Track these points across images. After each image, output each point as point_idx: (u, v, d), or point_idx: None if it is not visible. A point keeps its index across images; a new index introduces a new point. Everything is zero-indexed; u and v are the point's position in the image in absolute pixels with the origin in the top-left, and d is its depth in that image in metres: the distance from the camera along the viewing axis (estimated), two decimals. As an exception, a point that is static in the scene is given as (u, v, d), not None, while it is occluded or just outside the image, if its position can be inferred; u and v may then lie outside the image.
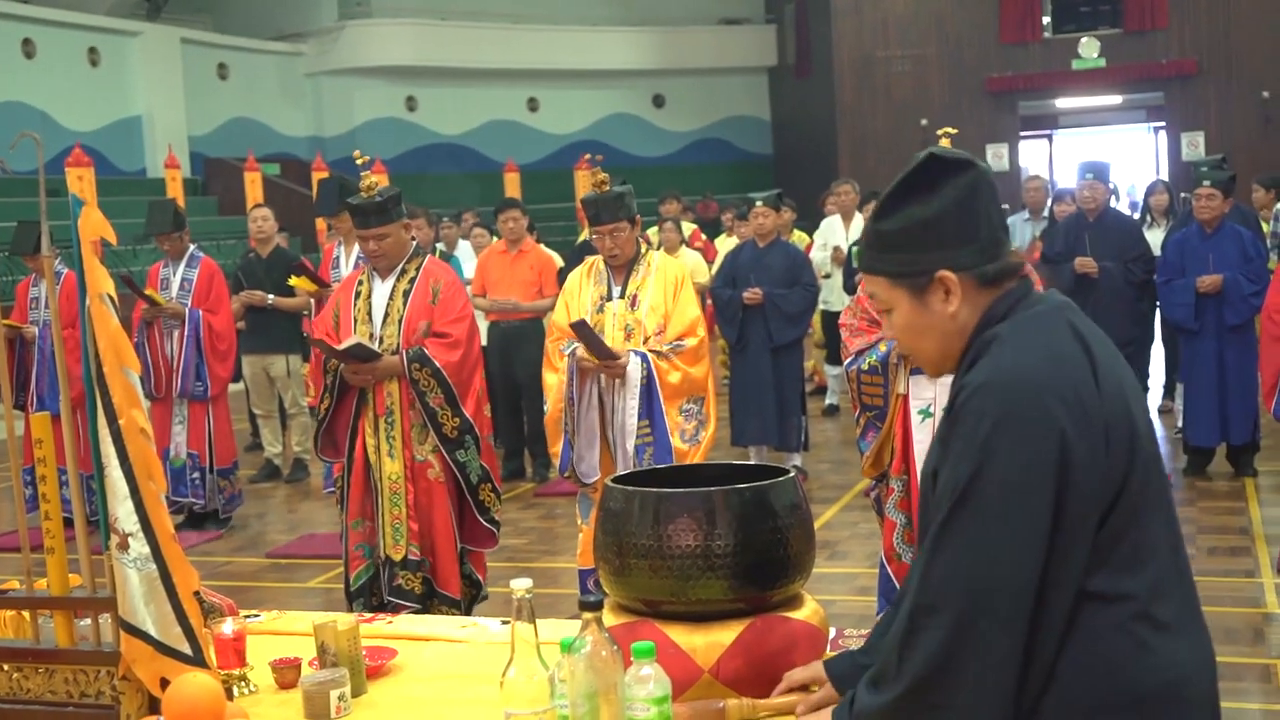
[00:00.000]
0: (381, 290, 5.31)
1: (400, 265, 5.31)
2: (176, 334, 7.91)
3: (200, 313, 7.93)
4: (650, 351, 5.11)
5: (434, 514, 5.28)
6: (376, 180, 5.30)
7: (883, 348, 4.75)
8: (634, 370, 5.08)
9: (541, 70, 24.05)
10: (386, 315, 5.26)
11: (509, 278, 9.05)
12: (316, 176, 14.92)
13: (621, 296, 5.23)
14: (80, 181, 13.34)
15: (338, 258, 8.61)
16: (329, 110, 23.31)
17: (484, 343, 9.15)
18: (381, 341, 5.22)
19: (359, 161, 5.37)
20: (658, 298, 5.19)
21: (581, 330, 5.05)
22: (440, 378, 5.17)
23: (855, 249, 2.02)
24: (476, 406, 5.30)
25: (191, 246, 8.14)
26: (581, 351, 5.12)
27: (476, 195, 18.31)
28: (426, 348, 5.18)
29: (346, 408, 5.33)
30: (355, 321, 5.27)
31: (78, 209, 2.30)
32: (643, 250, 5.30)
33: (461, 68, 23.53)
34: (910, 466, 4.74)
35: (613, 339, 5.16)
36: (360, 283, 5.38)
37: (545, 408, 5.35)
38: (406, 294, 5.27)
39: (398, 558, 5.25)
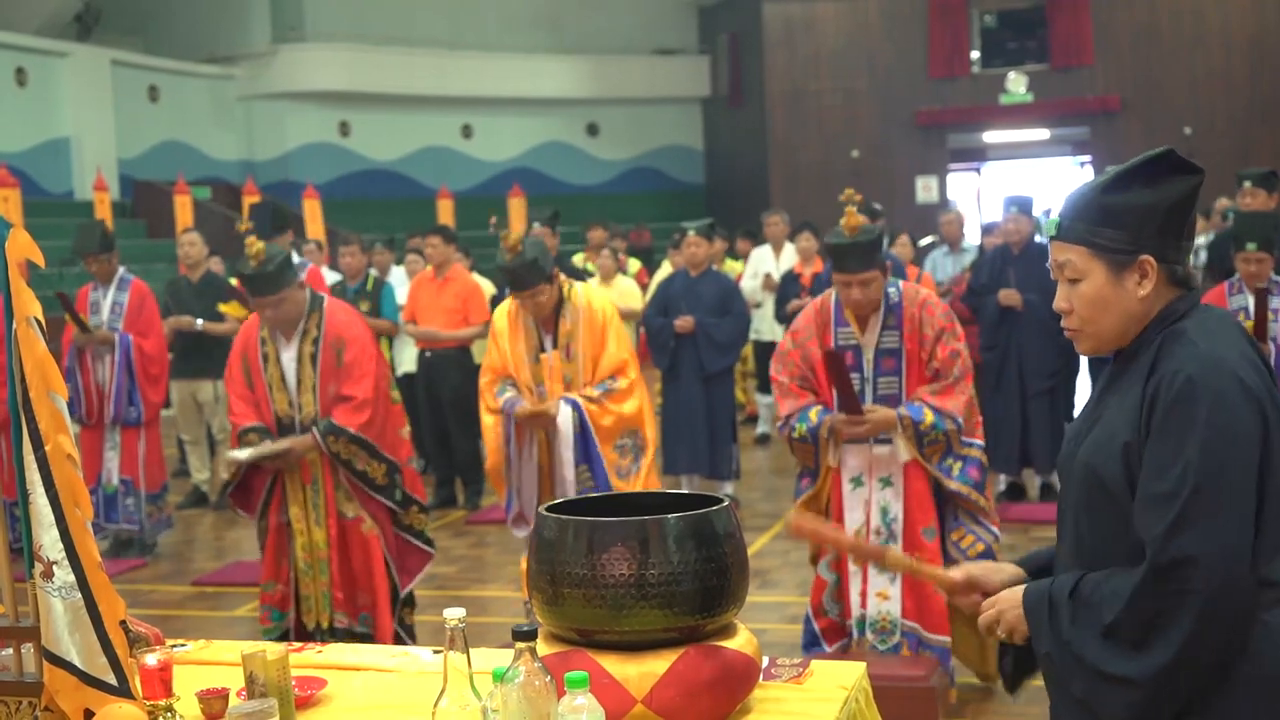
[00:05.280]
0: (288, 355, 5.22)
1: (301, 326, 5.20)
2: (108, 359, 7.82)
3: (130, 337, 7.84)
4: (582, 397, 5.14)
5: (372, 568, 5.26)
6: (261, 247, 5.09)
7: (814, 417, 4.78)
8: (565, 420, 5.11)
9: (476, 97, 23.99)
10: (299, 382, 5.21)
11: (434, 305, 9.03)
12: (248, 201, 14.79)
13: (555, 347, 5.24)
14: (6, 203, 13.15)
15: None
16: (261, 134, 23.09)
17: (412, 369, 9.17)
18: (301, 409, 5.18)
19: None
20: (588, 345, 5.22)
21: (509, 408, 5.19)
22: (359, 441, 5.16)
23: (1051, 220, 2.04)
24: (393, 443, 5.29)
25: (121, 269, 8.05)
26: (520, 406, 5.19)
27: (409, 221, 18.21)
28: (335, 416, 5.13)
29: (262, 471, 5.27)
30: (270, 388, 5.21)
31: (4, 231, 2.26)
32: (565, 292, 5.27)
33: (395, 94, 23.42)
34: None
35: (551, 390, 5.21)
36: (264, 342, 5.24)
37: (484, 453, 5.36)
38: (314, 358, 5.19)
39: (325, 625, 5.24)
